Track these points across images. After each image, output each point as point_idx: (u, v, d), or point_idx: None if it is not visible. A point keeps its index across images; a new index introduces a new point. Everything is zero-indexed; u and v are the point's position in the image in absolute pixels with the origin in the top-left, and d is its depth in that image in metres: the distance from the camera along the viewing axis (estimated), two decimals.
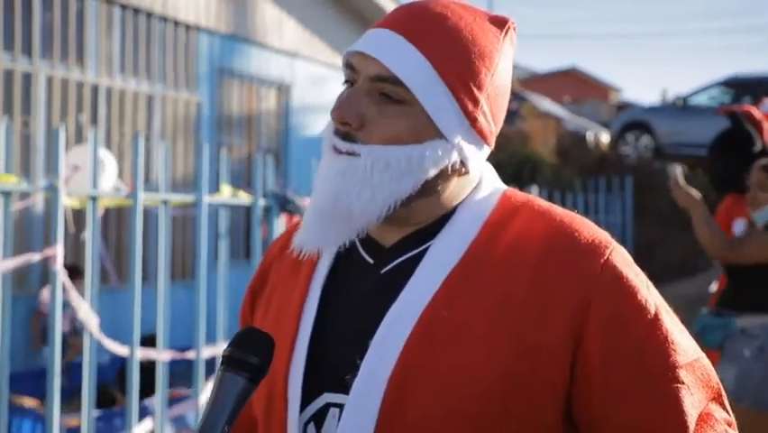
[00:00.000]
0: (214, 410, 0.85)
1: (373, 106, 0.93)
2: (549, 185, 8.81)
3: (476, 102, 0.94)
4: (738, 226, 3.95)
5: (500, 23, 0.97)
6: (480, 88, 0.94)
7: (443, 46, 0.92)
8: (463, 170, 0.96)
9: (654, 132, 11.55)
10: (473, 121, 0.94)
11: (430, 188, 0.95)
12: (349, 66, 0.94)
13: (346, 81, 0.96)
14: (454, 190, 0.98)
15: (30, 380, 4.82)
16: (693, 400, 0.92)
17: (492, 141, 0.98)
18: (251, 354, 0.88)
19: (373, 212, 0.93)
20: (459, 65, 0.92)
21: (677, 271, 8.71)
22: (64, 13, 6.38)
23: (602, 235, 0.96)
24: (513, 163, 9.90)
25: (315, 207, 0.96)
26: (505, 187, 1.03)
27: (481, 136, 0.96)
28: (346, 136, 0.93)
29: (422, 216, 0.97)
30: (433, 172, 0.93)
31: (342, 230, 0.94)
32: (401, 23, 0.94)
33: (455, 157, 0.94)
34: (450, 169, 0.95)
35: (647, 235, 10.13)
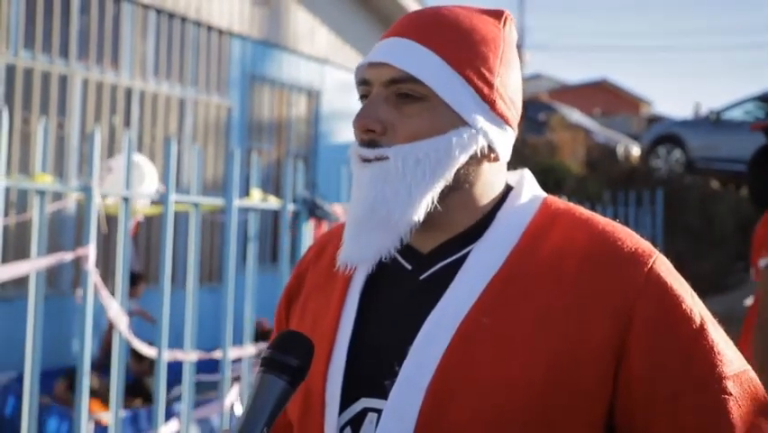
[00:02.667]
0: (253, 412, 0.85)
1: (393, 110, 0.94)
2: (576, 196, 8.74)
3: (491, 85, 0.95)
4: None
5: (497, 14, 0.99)
6: (491, 72, 0.95)
7: (448, 38, 0.94)
8: (492, 156, 0.96)
9: (686, 146, 11.40)
10: (492, 104, 0.96)
11: (463, 179, 0.95)
12: (363, 82, 0.97)
13: (362, 97, 0.98)
14: (486, 183, 0.98)
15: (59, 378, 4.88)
16: (741, 413, 0.89)
17: (514, 125, 0.99)
18: (291, 357, 0.87)
19: (413, 212, 0.92)
20: (467, 53, 0.94)
21: (707, 287, 8.57)
22: (101, 16, 6.49)
23: (645, 245, 0.95)
24: (536, 173, 9.79)
25: (353, 219, 0.95)
26: (545, 194, 1.02)
27: (502, 119, 0.97)
28: (371, 143, 0.94)
29: (458, 215, 0.97)
30: (463, 159, 0.94)
31: (385, 237, 0.93)
32: (403, 28, 0.96)
33: (482, 141, 0.95)
34: (479, 154, 0.95)
35: (677, 250, 10.00)
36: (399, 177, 0.92)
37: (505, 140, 0.98)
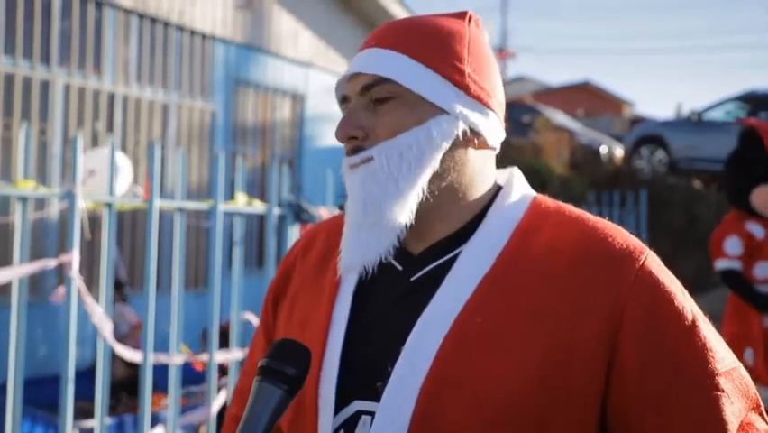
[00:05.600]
0: (250, 421, 0.84)
1: (371, 115, 0.96)
2: (560, 197, 8.75)
3: (461, 72, 0.97)
4: (731, 244, 3.93)
5: (460, 14, 1.03)
6: (460, 61, 0.97)
7: (413, 39, 0.98)
8: (477, 140, 0.98)
9: (669, 146, 11.49)
10: (466, 89, 0.97)
11: (450, 166, 0.96)
12: (343, 99, 1.00)
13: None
14: (475, 171, 0.98)
15: (43, 386, 4.83)
16: (733, 409, 0.90)
17: (496, 108, 1.00)
18: (289, 366, 0.87)
19: (405, 206, 0.93)
20: (433, 48, 0.97)
21: (691, 287, 8.61)
22: (82, 21, 6.44)
23: (636, 242, 0.95)
24: None
25: (350, 224, 0.97)
26: (534, 193, 1.02)
27: (481, 102, 0.98)
28: (356, 150, 0.96)
29: (450, 208, 0.97)
30: (446, 145, 0.95)
31: (381, 237, 0.94)
32: (370, 39, 1.01)
33: (462, 125, 0.96)
34: (461, 137, 0.96)
35: (661, 250, 10.03)
36: (386, 174, 0.93)
37: (488, 123, 0.98)
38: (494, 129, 1.00)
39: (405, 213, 0.93)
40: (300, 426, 0.97)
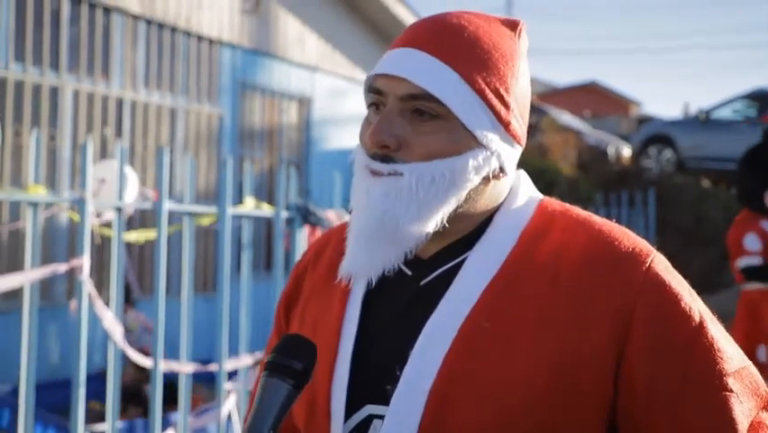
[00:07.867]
0: (258, 416, 0.85)
1: (408, 126, 0.92)
2: (568, 198, 8.72)
3: (507, 106, 0.95)
4: (750, 240, 3.97)
5: (512, 25, 0.98)
6: (508, 92, 0.94)
7: (468, 56, 0.92)
8: (501, 174, 0.96)
9: (677, 145, 11.45)
10: (507, 125, 0.95)
11: (471, 198, 0.95)
12: (374, 90, 0.94)
13: (372, 105, 0.95)
14: (492, 195, 0.98)
15: (56, 390, 4.86)
16: (743, 409, 0.90)
17: (523, 141, 0.99)
18: (295, 360, 0.88)
19: (422, 229, 0.92)
20: (487, 72, 0.93)
21: (700, 287, 8.55)
22: (91, 27, 6.49)
23: (643, 244, 0.95)
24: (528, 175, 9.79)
25: (360, 232, 0.93)
26: (541, 196, 1.02)
27: (515, 138, 0.97)
28: (385, 158, 0.92)
29: (461, 225, 0.97)
30: (476, 181, 0.93)
31: (391, 252, 0.92)
32: (422, 39, 0.93)
33: (495, 163, 0.94)
34: (491, 175, 0.95)
35: (669, 250, 9.98)
36: (412, 194, 0.91)
37: (514, 157, 0.98)
38: (516, 159, 0.98)
39: (419, 235, 0.92)
40: (313, 429, 0.98)
